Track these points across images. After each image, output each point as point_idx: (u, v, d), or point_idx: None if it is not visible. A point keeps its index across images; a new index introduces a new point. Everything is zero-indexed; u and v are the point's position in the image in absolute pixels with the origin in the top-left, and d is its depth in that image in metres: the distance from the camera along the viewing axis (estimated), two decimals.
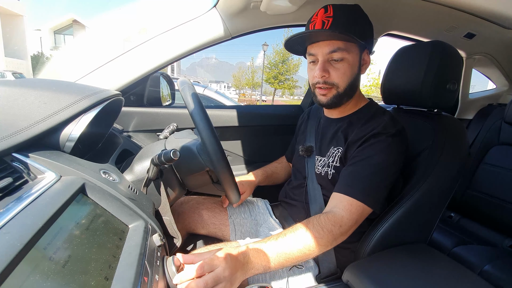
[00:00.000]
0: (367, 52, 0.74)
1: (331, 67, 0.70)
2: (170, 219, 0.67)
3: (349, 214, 0.64)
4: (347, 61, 0.70)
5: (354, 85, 0.74)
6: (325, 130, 0.84)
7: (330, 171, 0.76)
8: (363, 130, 0.71)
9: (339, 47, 0.68)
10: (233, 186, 0.67)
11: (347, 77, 0.71)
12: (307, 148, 0.85)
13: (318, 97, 0.76)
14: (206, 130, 0.62)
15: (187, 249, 0.91)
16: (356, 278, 0.63)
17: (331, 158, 0.76)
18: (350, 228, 0.65)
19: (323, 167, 0.78)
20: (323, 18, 0.68)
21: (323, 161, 0.79)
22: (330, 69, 0.70)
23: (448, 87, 0.80)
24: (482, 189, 1.38)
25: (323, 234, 0.61)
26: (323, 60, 0.70)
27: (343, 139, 0.75)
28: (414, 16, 1.10)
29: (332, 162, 0.76)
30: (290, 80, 22.97)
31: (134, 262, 0.39)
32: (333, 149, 0.77)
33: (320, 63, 0.71)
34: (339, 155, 0.74)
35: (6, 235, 0.28)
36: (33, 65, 15.15)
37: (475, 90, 1.73)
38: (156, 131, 1.18)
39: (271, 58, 22.36)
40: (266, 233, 0.89)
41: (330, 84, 0.72)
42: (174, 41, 0.99)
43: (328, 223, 0.62)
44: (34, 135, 0.45)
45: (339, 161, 0.74)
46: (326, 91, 0.73)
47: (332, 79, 0.71)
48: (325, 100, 0.74)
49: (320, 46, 0.70)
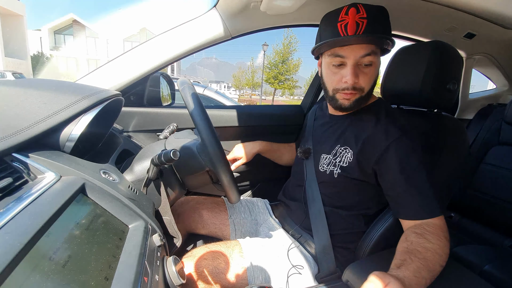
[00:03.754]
0: None
1: (360, 72, 0.67)
2: (170, 219, 0.68)
3: (436, 227, 0.62)
4: (375, 65, 0.68)
5: (374, 87, 0.72)
6: (331, 127, 0.81)
7: (336, 170, 0.73)
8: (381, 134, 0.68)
9: (373, 51, 0.65)
10: (233, 186, 0.67)
11: (372, 81, 0.70)
12: (305, 150, 0.84)
13: (340, 101, 0.72)
14: (206, 130, 0.62)
15: (187, 249, 0.92)
16: (356, 277, 0.63)
17: (338, 158, 0.74)
18: (447, 235, 0.62)
19: (328, 165, 0.76)
20: (357, 20, 0.63)
21: (328, 159, 0.76)
22: (360, 74, 0.67)
23: (448, 87, 0.80)
24: (482, 189, 1.38)
25: (445, 242, 0.59)
26: (354, 63, 0.66)
27: (353, 139, 0.72)
28: (414, 16, 1.10)
29: (340, 162, 0.73)
30: (290, 80, 22.96)
31: (134, 262, 0.39)
32: (341, 148, 0.74)
33: (351, 68, 0.66)
34: (349, 157, 0.72)
35: (6, 235, 0.28)
36: (33, 65, 15.16)
37: (475, 90, 1.73)
38: (156, 131, 1.18)
39: (271, 58, 22.37)
40: (266, 233, 0.89)
41: (358, 90, 0.69)
42: (174, 41, 0.99)
43: (429, 236, 0.59)
44: (34, 135, 0.45)
45: (348, 162, 0.72)
46: (350, 96, 0.70)
47: (360, 84, 0.68)
48: (348, 104, 0.71)
49: (353, 49, 0.65)
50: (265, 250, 0.76)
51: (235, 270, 0.70)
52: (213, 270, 0.69)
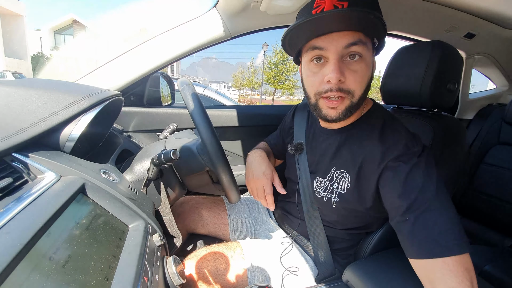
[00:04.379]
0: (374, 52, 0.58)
1: (347, 69, 0.52)
2: (171, 219, 0.68)
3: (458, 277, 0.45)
4: (365, 61, 0.52)
5: (367, 92, 0.57)
6: (323, 143, 0.69)
7: (334, 199, 0.63)
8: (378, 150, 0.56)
9: (360, 39, 0.50)
10: (233, 186, 0.67)
11: (364, 82, 0.54)
12: (296, 146, 0.74)
13: (324, 111, 0.57)
14: (206, 130, 0.62)
15: (187, 249, 0.92)
16: (356, 278, 0.63)
17: (335, 184, 0.63)
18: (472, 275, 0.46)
19: (325, 192, 0.66)
20: (335, 3, 0.49)
21: (324, 183, 0.67)
22: (346, 71, 0.52)
23: (448, 87, 0.80)
24: (482, 189, 1.38)
25: None
26: (337, 57, 0.51)
27: (349, 160, 0.61)
28: (414, 16, 1.10)
29: (337, 188, 0.63)
30: (290, 80, 22.96)
31: (134, 262, 0.39)
32: (337, 172, 0.64)
33: (333, 63, 0.51)
34: (346, 182, 0.61)
35: (6, 235, 0.29)
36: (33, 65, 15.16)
37: (475, 90, 1.73)
38: (156, 131, 1.18)
39: (271, 58, 22.37)
40: (265, 234, 0.89)
41: (345, 92, 0.53)
42: (174, 41, 0.99)
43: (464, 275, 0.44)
44: (34, 135, 0.45)
45: (346, 189, 0.61)
46: (338, 103, 0.54)
47: (348, 85, 0.53)
48: (334, 114, 0.56)
49: (333, 38, 0.50)
50: (265, 251, 0.76)
51: (236, 271, 0.70)
52: (214, 271, 0.69)
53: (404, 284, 0.60)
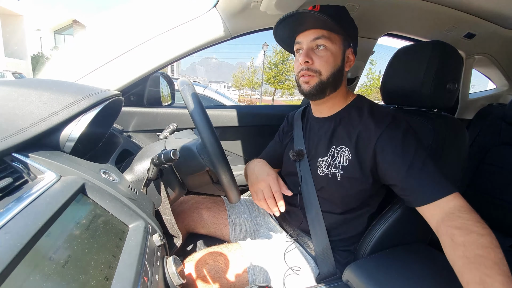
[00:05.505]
0: (351, 51, 0.75)
1: (314, 55, 0.72)
2: (171, 219, 0.68)
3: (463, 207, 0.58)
4: (330, 50, 0.71)
5: (338, 77, 0.73)
6: (321, 130, 0.80)
7: (338, 172, 0.72)
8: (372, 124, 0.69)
9: (323, 35, 0.70)
10: (233, 186, 0.67)
11: (330, 66, 0.72)
12: (298, 153, 0.81)
13: (302, 86, 0.75)
14: (206, 130, 0.62)
15: (187, 249, 0.92)
16: (356, 277, 0.63)
17: (337, 159, 0.73)
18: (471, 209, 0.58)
19: (328, 168, 0.74)
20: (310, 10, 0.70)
21: (326, 161, 0.75)
22: (314, 57, 0.71)
23: (448, 87, 0.80)
24: (482, 189, 1.38)
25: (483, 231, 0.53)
26: (307, 47, 0.72)
27: (346, 137, 0.72)
28: (414, 16, 1.10)
29: (339, 162, 0.72)
30: (290, 80, 22.96)
31: (134, 262, 0.39)
32: (336, 149, 0.73)
33: (304, 50, 0.72)
34: (347, 155, 0.71)
35: (6, 235, 0.29)
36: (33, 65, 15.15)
37: (475, 90, 1.73)
38: (156, 131, 1.18)
39: (271, 58, 22.38)
40: (266, 234, 0.89)
41: (313, 71, 0.72)
42: (174, 41, 0.99)
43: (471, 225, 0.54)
44: (34, 135, 0.45)
45: (348, 161, 0.71)
46: (309, 78, 0.73)
47: (315, 66, 0.72)
48: (308, 88, 0.74)
49: (306, 34, 0.73)
50: (265, 251, 0.76)
51: (236, 271, 0.71)
52: (214, 271, 0.69)
53: (404, 284, 0.60)
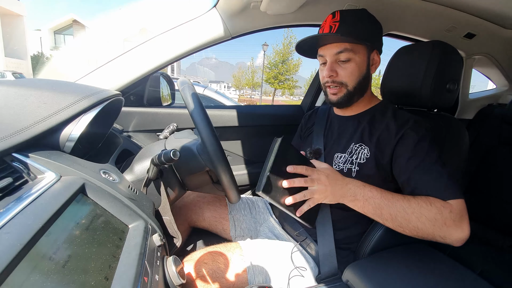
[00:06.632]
0: (376, 52, 0.76)
1: (339, 67, 0.74)
2: (170, 219, 0.68)
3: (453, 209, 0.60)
4: (354, 61, 0.73)
5: (364, 84, 0.76)
6: (342, 128, 0.83)
7: (354, 168, 0.74)
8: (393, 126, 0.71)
9: (346, 48, 0.71)
10: (233, 186, 0.67)
11: (355, 76, 0.74)
12: (315, 151, 0.82)
13: (329, 96, 0.78)
14: (206, 130, 0.62)
15: (187, 249, 0.92)
16: (356, 277, 0.63)
17: (354, 155, 0.75)
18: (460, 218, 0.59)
19: (345, 164, 0.75)
20: (331, 23, 0.72)
21: (343, 157, 0.77)
22: (338, 69, 0.74)
23: (448, 87, 0.80)
24: (482, 189, 1.38)
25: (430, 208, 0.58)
26: (331, 61, 0.74)
27: (367, 136, 0.74)
28: (414, 16, 1.10)
29: (356, 159, 0.74)
30: (290, 80, 22.94)
31: (134, 262, 0.39)
32: (355, 145, 0.75)
33: (328, 64, 0.74)
34: (365, 153, 0.73)
35: (6, 235, 0.29)
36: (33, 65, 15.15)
37: (475, 90, 1.73)
38: (156, 131, 1.18)
39: (271, 58, 22.35)
40: (266, 233, 0.89)
41: (339, 83, 0.74)
42: (174, 41, 0.99)
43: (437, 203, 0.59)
44: (34, 135, 0.45)
45: (366, 158, 0.73)
46: (336, 90, 0.75)
47: (340, 78, 0.74)
48: (335, 98, 0.77)
49: (328, 48, 0.74)
50: (266, 251, 0.76)
51: (235, 271, 0.71)
52: (213, 271, 0.69)
53: (404, 284, 0.60)
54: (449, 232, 0.59)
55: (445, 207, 0.59)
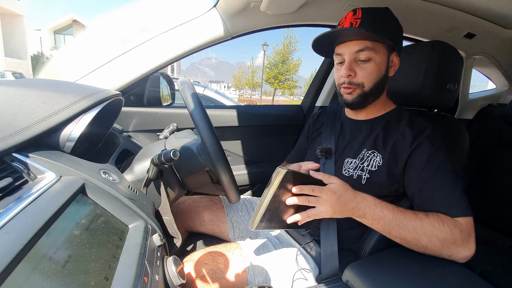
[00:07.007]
0: (396, 53, 0.73)
1: (358, 67, 0.69)
2: (170, 219, 0.68)
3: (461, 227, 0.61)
4: (375, 61, 0.68)
5: (380, 86, 0.72)
6: (354, 132, 0.79)
7: (364, 175, 0.70)
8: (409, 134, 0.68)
9: (367, 46, 0.67)
10: (233, 186, 0.67)
11: (373, 77, 0.69)
12: (326, 150, 0.78)
13: (344, 96, 0.73)
14: (206, 130, 0.62)
15: (187, 249, 0.92)
16: (356, 278, 0.63)
17: (366, 162, 0.71)
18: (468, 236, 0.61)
19: (355, 170, 0.72)
20: (351, 20, 0.68)
21: (354, 163, 0.73)
22: (357, 69, 0.69)
23: (448, 87, 0.80)
24: (482, 189, 1.38)
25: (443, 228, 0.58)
26: (350, 59, 0.69)
27: (381, 143, 0.71)
28: (414, 16, 1.10)
29: (368, 166, 0.71)
30: (290, 80, 22.95)
31: (134, 262, 0.39)
32: (368, 152, 0.72)
33: (346, 63, 0.69)
34: (378, 161, 0.70)
35: (6, 235, 0.29)
36: (33, 65, 15.15)
37: (475, 90, 1.73)
38: (156, 131, 1.18)
39: (271, 58, 22.36)
40: (266, 233, 0.89)
41: (356, 85, 0.70)
42: (174, 41, 0.99)
43: (449, 222, 0.59)
44: (34, 135, 0.45)
45: (378, 166, 0.69)
46: (351, 90, 0.71)
47: (358, 79, 0.69)
48: (350, 98, 0.72)
49: (348, 45, 0.69)
50: (266, 251, 0.76)
51: (235, 271, 0.70)
52: (213, 271, 0.69)
53: (404, 284, 0.60)
54: (456, 251, 0.59)
55: (456, 226, 0.59)
